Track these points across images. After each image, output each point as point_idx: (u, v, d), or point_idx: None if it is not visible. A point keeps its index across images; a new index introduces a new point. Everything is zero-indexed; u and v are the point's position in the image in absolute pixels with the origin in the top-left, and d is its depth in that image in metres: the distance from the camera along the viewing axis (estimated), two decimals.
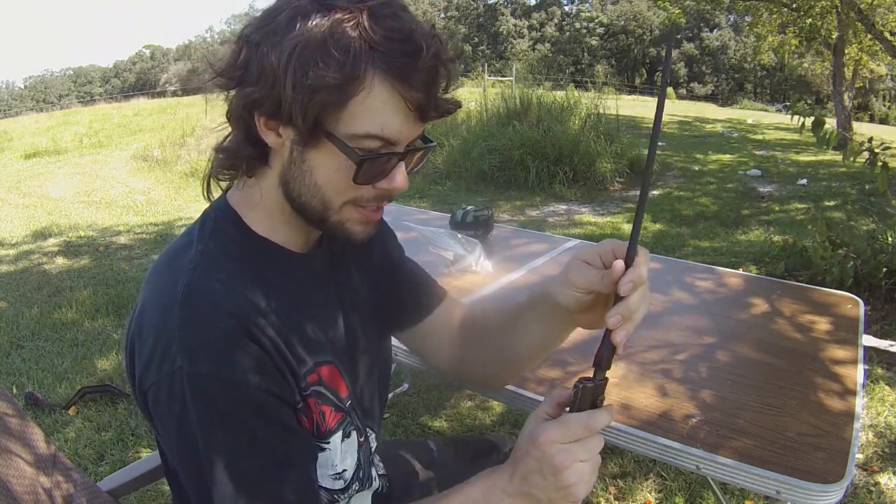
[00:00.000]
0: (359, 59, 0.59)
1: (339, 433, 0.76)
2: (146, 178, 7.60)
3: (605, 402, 0.64)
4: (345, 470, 0.77)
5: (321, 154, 0.64)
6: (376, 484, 0.86)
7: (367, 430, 0.85)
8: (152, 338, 0.63)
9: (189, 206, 6.09)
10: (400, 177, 0.67)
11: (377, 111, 0.61)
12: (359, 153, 0.62)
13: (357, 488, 0.81)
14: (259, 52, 0.61)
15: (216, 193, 0.75)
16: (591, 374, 0.63)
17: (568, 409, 0.64)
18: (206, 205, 0.76)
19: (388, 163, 0.65)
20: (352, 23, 0.59)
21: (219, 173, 0.72)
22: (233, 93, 0.65)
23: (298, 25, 0.59)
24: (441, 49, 0.63)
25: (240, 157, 0.69)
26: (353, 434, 0.78)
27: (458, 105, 0.68)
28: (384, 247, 0.91)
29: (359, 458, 0.80)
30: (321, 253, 0.79)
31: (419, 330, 0.91)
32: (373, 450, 0.87)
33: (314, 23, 0.59)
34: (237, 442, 0.63)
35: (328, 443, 0.75)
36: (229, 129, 0.70)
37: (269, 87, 0.61)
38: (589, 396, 0.63)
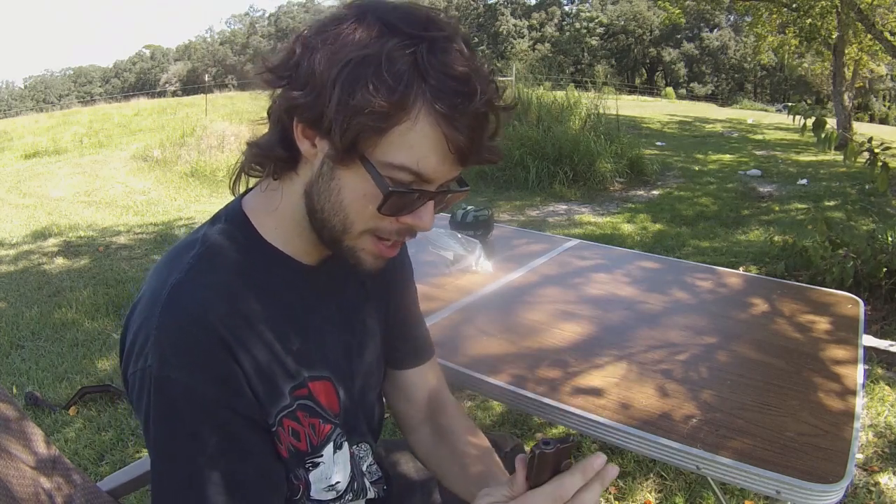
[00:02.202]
0: (410, 88, 0.57)
1: (331, 444, 0.75)
2: (146, 178, 7.59)
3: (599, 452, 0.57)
4: (338, 482, 0.77)
5: (351, 175, 0.62)
6: (371, 493, 0.86)
7: (361, 443, 0.84)
8: (135, 330, 0.64)
9: (189, 206, 6.07)
10: (427, 216, 0.65)
11: (416, 145, 0.59)
12: (389, 184, 0.60)
13: (350, 499, 0.80)
14: (312, 57, 0.59)
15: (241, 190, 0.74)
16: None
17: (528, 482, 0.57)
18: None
19: (418, 199, 0.63)
20: (410, 50, 0.57)
21: (250, 169, 0.71)
22: (278, 91, 0.63)
23: (357, 40, 0.57)
24: (495, 96, 0.61)
25: (269, 156, 0.67)
26: (345, 445, 0.78)
27: (500, 157, 0.66)
28: (403, 282, 0.90)
29: (352, 470, 0.80)
30: (330, 267, 0.76)
31: (395, 377, 0.91)
32: (368, 463, 0.86)
33: (373, 41, 0.57)
34: (187, 452, 0.63)
35: (321, 455, 0.74)
36: (269, 125, 0.68)
37: (315, 96, 0.59)
38: (549, 463, 0.55)
